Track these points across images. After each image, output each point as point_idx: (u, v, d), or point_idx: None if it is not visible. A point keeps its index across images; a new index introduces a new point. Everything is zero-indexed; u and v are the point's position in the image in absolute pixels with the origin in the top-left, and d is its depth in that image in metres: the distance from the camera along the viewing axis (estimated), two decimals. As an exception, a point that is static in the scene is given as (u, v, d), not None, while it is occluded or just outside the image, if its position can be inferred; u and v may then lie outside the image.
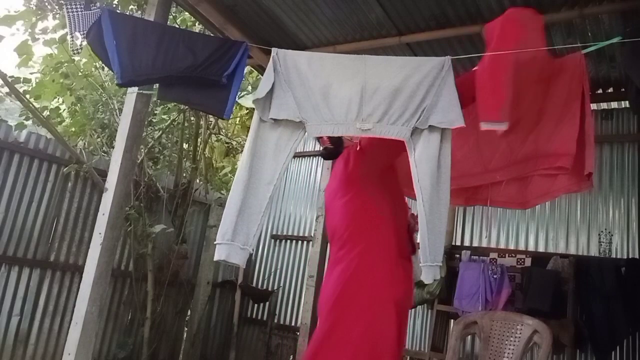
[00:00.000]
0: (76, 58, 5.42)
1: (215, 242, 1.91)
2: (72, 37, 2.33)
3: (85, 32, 2.27)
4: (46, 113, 5.41)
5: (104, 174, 3.53)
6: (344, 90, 2.00)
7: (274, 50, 2.05)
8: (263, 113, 1.98)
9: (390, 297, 2.11)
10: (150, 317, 5.15)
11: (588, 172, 2.39)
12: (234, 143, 7.39)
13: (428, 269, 1.94)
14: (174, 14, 5.53)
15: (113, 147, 3.60)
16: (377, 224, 2.21)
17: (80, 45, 2.39)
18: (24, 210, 4.43)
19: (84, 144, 5.71)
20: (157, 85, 2.39)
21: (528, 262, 4.13)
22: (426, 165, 1.94)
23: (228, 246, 1.88)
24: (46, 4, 5.60)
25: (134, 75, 2.16)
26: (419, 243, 2.42)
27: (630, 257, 3.92)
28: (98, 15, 2.25)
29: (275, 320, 5.80)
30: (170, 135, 5.96)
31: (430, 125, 1.95)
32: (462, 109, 1.98)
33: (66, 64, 5.35)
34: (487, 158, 2.57)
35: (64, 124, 6.01)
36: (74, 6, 2.26)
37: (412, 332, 4.72)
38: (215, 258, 1.89)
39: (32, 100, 5.24)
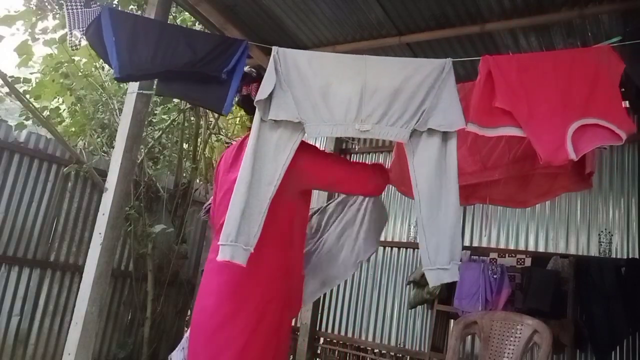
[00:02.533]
0: (76, 58, 5.42)
1: (219, 243, 1.90)
2: (71, 34, 2.33)
3: (84, 29, 2.27)
4: (46, 113, 5.41)
5: (104, 174, 3.53)
6: (343, 90, 1.99)
7: (274, 48, 2.04)
8: (264, 113, 1.98)
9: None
10: (150, 317, 5.15)
11: (589, 171, 2.39)
12: (234, 143, 7.38)
13: (429, 272, 1.90)
14: (174, 14, 5.53)
15: (113, 147, 3.60)
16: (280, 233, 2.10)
17: (79, 42, 2.38)
18: (24, 210, 4.44)
19: (84, 144, 5.72)
20: (156, 80, 2.37)
21: (528, 262, 4.13)
22: (425, 170, 1.92)
23: (232, 247, 1.86)
24: (46, 4, 5.60)
25: (132, 69, 2.15)
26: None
27: (630, 257, 3.91)
28: (98, 13, 2.24)
29: (275, 321, 5.79)
30: (170, 135, 5.96)
31: (429, 129, 1.94)
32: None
33: (66, 64, 5.35)
34: (486, 156, 2.57)
35: (64, 124, 6.02)
36: (74, 4, 2.26)
37: (412, 332, 4.72)
38: (219, 258, 1.87)
39: (32, 100, 5.24)
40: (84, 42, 2.42)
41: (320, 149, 2.33)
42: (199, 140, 6.00)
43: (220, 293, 2.03)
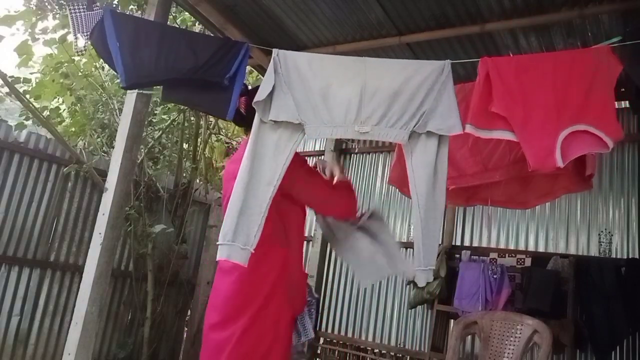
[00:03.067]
0: (76, 58, 5.42)
1: (217, 243, 1.92)
2: (76, 38, 2.33)
3: (88, 33, 2.28)
4: (46, 113, 5.41)
5: (104, 174, 3.54)
6: (343, 92, 2.00)
7: (274, 51, 2.05)
8: (263, 114, 1.99)
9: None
10: (150, 317, 5.15)
11: (589, 173, 2.39)
12: (234, 143, 7.40)
13: (421, 273, 1.96)
14: (174, 14, 5.53)
15: (113, 147, 3.60)
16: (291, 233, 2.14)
17: (84, 46, 2.39)
18: (24, 210, 4.44)
19: (84, 144, 5.72)
20: (161, 86, 2.39)
21: (528, 262, 4.13)
22: (423, 171, 1.95)
23: (229, 246, 1.89)
24: (46, 4, 5.60)
25: (138, 77, 2.16)
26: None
27: (630, 257, 3.91)
28: (100, 16, 2.25)
29: (275, 320, 5.79)
30: (170, 135, 5.96)
31: (428, 131, 1.96)
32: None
33: (66, 64, 5.35)
34: (487, 157, 2.58)
35: (64, 124, 6.02)
36: (76, 7, 2.26)
37: (412, 332, 4.72)
38: (218, 257, 1.91)
39: (32, 100, 5.24)
40: (88, 45, 2.42)
41: (306, 165, 2.21)
42: (199, 140, 6.01)
43: (227, 292, 2.07)
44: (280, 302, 2.09)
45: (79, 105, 5.70)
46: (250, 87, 2.17)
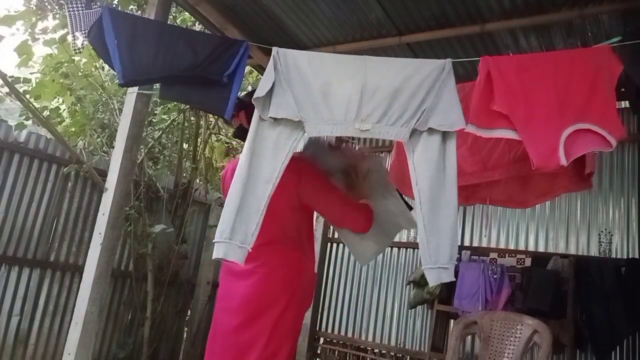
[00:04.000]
0: (76, 58, 5.42)
1: (213, 240, 1.90)
2: (74, 36, 2.33)
3: (86, 31, 2.27)
4: (46, 113, 5.40)
5: (104, 174, 3.53)
6: (343, 90, 1.99)
7: (274, 49, 2.04)
8: (263, 111, 1.98)
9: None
10: (150, 317, 5.15)
11: (589, 171, 2.39)
12: (234, 143, 7.40)
13: (429, 271, 1.89)
14: (174, 14, 5.53)
15: (113, 147, 3.60)
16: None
17: (82, 44, 2.38)
18: (24, 210, 4.43)
19: (84, 144, 5.72)
20: (158, 84, 2.39)
21: (528, 262, 4.13)
22: (425, 168, 1.92)
23: (226, 244, 1.87)
24: (46, 4, 5.61)
25: (135, 74, 2.15)
26: None
27: (630, 257, 3.91)
28: (99, 14, 2.24)
29: (275, 321, 5.78)
30: (170, 135, 5.96)
31: (429, 128, 1.94)
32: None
33: (66, 64, 5.35)
34: (486, 156, 2.57)
35: (64, 124, 6.02)
36: (74, 5, 2.26)
37: (412, 332, 4.72)
38: (214, 256, 1.89)
39: (32, 100, 5.24)
40: (86, 44, 2.42)
41: (321, 176, 2.33)
42: (199, 140, 6.00)
43: (246, 294, 2.10)
44: (297, 304, 2.15)
45: (79, 105, 5.69)
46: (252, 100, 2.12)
